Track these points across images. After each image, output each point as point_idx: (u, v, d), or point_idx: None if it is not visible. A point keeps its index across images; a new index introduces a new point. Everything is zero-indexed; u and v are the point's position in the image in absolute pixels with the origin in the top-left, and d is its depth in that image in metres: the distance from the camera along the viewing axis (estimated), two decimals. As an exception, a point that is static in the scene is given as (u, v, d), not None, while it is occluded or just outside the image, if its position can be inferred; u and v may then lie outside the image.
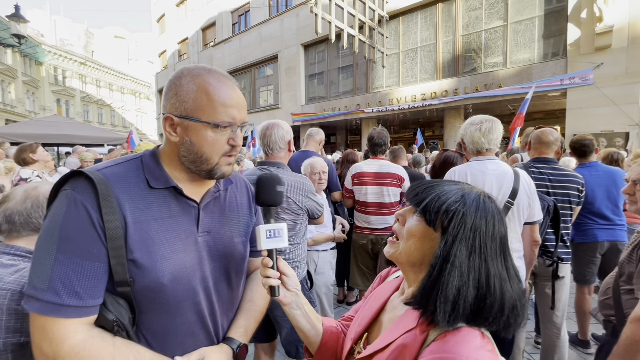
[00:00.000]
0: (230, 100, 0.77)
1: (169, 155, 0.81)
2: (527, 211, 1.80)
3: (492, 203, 0.66)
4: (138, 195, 0.75)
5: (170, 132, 0.77)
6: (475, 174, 1.82)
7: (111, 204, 0.70)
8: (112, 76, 36.87)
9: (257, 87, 16.95)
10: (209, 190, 0.86)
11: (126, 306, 0.72)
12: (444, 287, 0.60)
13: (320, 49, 14.24)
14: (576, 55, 8.42)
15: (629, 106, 7.76)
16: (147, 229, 0.73)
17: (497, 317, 0.60)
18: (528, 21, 9.41)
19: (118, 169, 0.77)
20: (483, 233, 0.62)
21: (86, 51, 39.38)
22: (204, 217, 0.83)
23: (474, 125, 1.89)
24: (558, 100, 9.41)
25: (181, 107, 0.75)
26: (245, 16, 16.92)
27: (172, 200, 0.79)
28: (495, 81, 9.70)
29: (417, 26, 11.58)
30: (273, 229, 0.79)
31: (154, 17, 23.75)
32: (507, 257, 0.64)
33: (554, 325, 2.23)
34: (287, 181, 1.80)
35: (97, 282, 0.69)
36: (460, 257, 0.61)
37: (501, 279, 0.61)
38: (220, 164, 0.80)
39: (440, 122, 12.46)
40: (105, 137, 9.81)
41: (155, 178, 0.78)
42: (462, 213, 0.62)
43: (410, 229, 0.68)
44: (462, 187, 0.68)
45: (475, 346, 0.57)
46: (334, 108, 13.46)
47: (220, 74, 0.79)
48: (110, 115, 36.52)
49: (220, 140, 0.78)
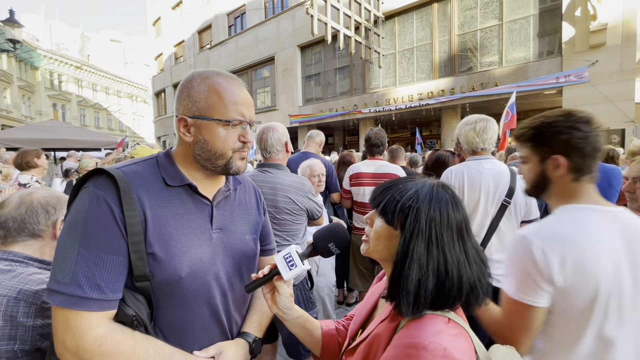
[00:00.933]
0: (239, 99, 0.82)
1: (184, 155, 0.85)
2: (524, 209, 1.81)
3: (447, 192, 0.69)
4: (155, 192, 0.78)
5: (185, 133, 0.81)
6: (472, 173, 1.82)
7: (131, 200, 0.73)
8: (109, 80, 36.78)
9: (254, 89, 16.95)
10: (220, 189, 0.90)
11: (144, 301, 0.75)
12: (405, 280, 0.64)
13: (316, 50, 14.26)
14: (571, 53, 8.47)
15: (624, 103, 7.82)
16: (166, 224, 0.77)
17: (457, 299, 0.65)
18: (523, 20, 9.45)
19: (136, 167, 0.80)
20: (438, 224, 0.65)
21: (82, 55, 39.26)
22: (217, 215, 0.87)
23: (468, 125, 1.90)
24: (554, 98, 9.46)
25: (194, 108, 0.80)
26: (241, 18, 16.92)
27: (187, 197, 0.83)
28: (492, 80, 9.74)
29: (412, 26, 11.62)
30: (287, 256, 0.81)
31: (150, 21, 23.73)
32: (465, 242, 0.67)
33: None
34: (287, 182, 1.83)
35: (118, 276, 0.71)
36: (418, 250, 0.64)
37: (459, 264, 0.65)
38: (234, 158, 0.84)
39: (437, 121, 12.50)
40: (103, 141, 9.77)
41: (171, 176, 0.82)
42: (416, 209, 0.66)
43: (376, 230, 0.73)
44: (417, 182, 0.72)
45: (435, 330, 0.61)
46: (331, 109, 13.48)
47: (228, 75, 0.84)
48: (107, 119, 36.42)
49: (232, 136, 0.82)
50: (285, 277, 0.80)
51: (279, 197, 1.80)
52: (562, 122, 0.94)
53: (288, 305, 0.85)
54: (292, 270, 0.80)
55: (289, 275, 0.80)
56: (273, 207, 1.79)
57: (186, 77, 0.83)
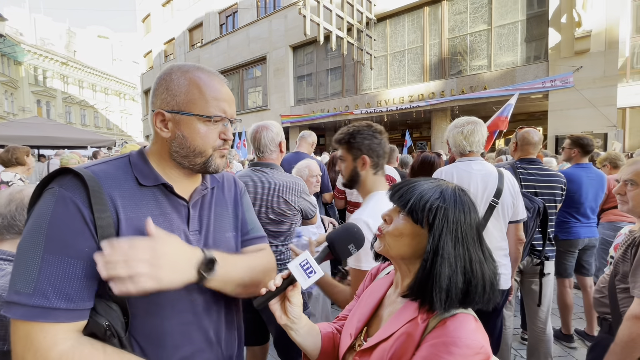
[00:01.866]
0: (221, 94, 0.79)
1: (159, 153, 0.80)
2: (512, 210, 1.85)
3: (466, 196, 0.73)
4: (128, 192, 0.74)
5: (162, 128, 0.77)
6: (461, 174, 1.85)
7: (103, 200, 0.68)
8: (96, 77, 35.99)
9: (245, 88, 16.84)
10: (197, 188, 0.86)
11: (118, 310, 0.69)
12: (437, 278, 0.66)
13: (308, 51, 14.27)
14: (557, 58, 8.70)
15: (607, 108, 8.07)
16: (140, 226, 0.71)
17: (482, 296, 0.68)
18: (511, 25, 9.66)
19: (106, 167, 0.75)
20: (463, 224, 0.69)
21: (68, 51, 38.31)
22: (194, 215, 0.83)
23: (457, 128, 1.94)
24: (540, 102, 9.69)
25: (172, 102, 0.76)
26: (233, 17, 16.80)
27: (163, 198, 0.78)
28: (481, 83, 9.92)
29: (404, 29, 11.74)
30: (304, 263, 0.75)
31: (139, 17, 23.33)
32: (482, 241, 0.72)
33: (540, 320, 2.29)
34: (280, 182, 1.81)
35: (89, 283, 0.65)
36: (447, 249, 0.67)
37: (480, 262, 0.69)
38: (214, 156, 0.80)
39: (427, 123, 12.65)
40: (89, 138, 9.55)
41: (144, 176, 0.77)
42: (444, 209, 0.69)
43: (399, 228, 0.73)
44: (439, 183, 0.74)
45: (472, 328, 0.65)
46: (322, 110, 13.50)
47: (209, 70, 0.80)
48: (93, 116, 35.62)
49: (212, 133, 0.78)
50: (304, 286, 0.74)
51: (272, 197, 1.78)
52: (366, 131, 1.30)
53: (298, 314, 0.80)
54: (312, 277, 0.74)
55: (308, 283, 0.74)
56: (267, 207, 1.78)
57: (164, 70, 0.79)
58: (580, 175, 2.76)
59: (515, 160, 2.45)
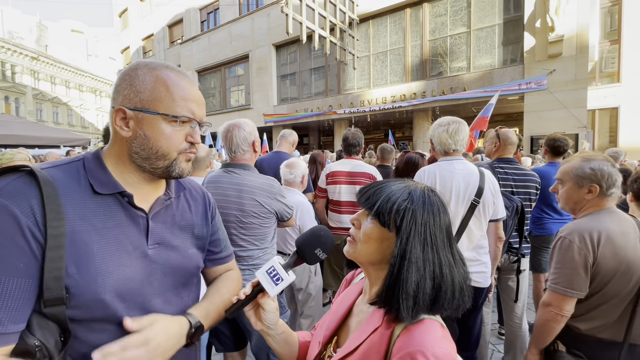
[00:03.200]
0: (189, 95, 0.74)
1: (117, 154, 0.74)
2: (492, 209, 1.89)
3: (436, 196, 0.70)
4: (78, 201, 0.67)
5: (122, 127, 0.71)
6: (443, 173, 1.88)
7: (58, 207, 0.62)
8: (69, 73, 34.41)
9: (227, 87, 16.56)
10: (159, 198, 0.79)
11: (55, 328, 0.62)
12: (404, 283, 0.63)
13: (292, 50, 14.18)
14: (532, 61, 9.03)
15: (578, 110, 8.45)
16: (87, 240, 0.65)
17: (450, 302, 0.65)
18: (489, 29, 9.95)
19: (56, 171, 0.68)
20: (432, 226, 0.66)
21: (39, 45, 36.46)
22: (154, 228, 0.76)
23: (441, 127, 1.95)
24: (516, 104, 10.04)
25: (136, 99, 0.70)
26: (215, 14, 16.48)
27: (118, 208, 0.71)
28: (460, 85, 10.17)
29: (386, 30, 11.87)
30: (271, 270, 0.75)
31: (116, 12, 22.51)
32: (452, 244, 0.69)
33: (516, 316, 2.36)
34: (253, 183, 1.75)
35: (22, 303, 0.59)
36: (415, 252, 0.64)
37: (450, 265, 0.66)
38: (179, 160, 0.75)
39: (409, 123, 12.85)
40: (62, 137, 9.10)
41: (101, 183, 0.70)
42: (412, 210, 0.66)
43: (366, 232, 0.70)
44: (408, 184, 0.71)
45: (438, 336, 0.62)
46: (306, 109, 13.45)
47: (179, 70, 0.76)
48: (67, 114, 34.04)
49: (178, 135, 0.74)
50: (272, 294, 0.74)
51: (245, 199, 1.71)
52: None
53: (273, 320, 0.79)
54: (279, 285, 0.73)
55: (276, 291, 0.74)
56: (239, 210, 1.71)
57: (129, 66, 0.74)
58: (550, 173, 2.85)
59: (493, 159, 2.51)
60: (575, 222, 1.36)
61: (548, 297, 1.31)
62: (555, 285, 1.29)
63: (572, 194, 1.40)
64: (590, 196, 1.36)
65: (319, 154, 3.82)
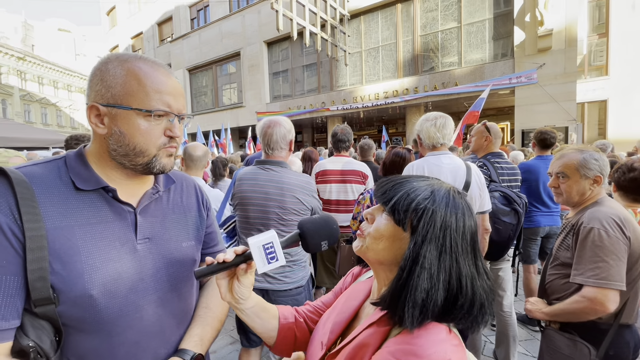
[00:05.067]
0: (164, 87, 0.71)
1: (98, 152, 0.72)
2: (479, 201, 1.90)
3: (462, 199, 0.64)
4: (58, 198, 0.66)
5: (97, 124, 0.69)
6: (431, 168, 1.89)
7: (34, 209, 0.62)
8: (57, 73, 33.80)
9: (219, 85, 16.42)
10: (147, 192, 0.78)
11: (49, 328, 0.63)
12: (412, 290, 0.57)
13: (283, 47, 14.10)
14: (522, 56, 9.09)
15: (568, 103, 8.54)
16: (70, 236, 0.65)
17: (466, 317, 0.59)
18: (479, 23, 9.99)
19: (35, 169, 0.68)
20: (453, 231, 0.59)
21: (25, 45, 35.74)
22: (143, 222, 0.75)
23: (429, 121, 1.97)
24: (507, 98, 10.11)
25: (108, 94, 0.68)
26: (205, 11, 16.29)
27: (103, 204, 0.71)
28: (452, 80, 10.21)
29: (378, 25, 11.85)
30: (269, 246, 0.67)
31: (104, 10, 22.14)
32: (477, 254, 0.62)
33: (506, 306, 2.39)
34: (294, 181, 1.75)
35: (10, 300, 0.59)
36: (430, 257, 0.58)
37: (472, 277, 0.59)
38: (159, 155, 0.73)
39: (402, 119, 12.88)
40: (51, 139, 8.94)
41: (83, 179, 0.69)
42: (432, 211, 0.59)
43: (378, 228, 0.65)
44: (432, 182, 0.65)
45: (439, 339, 0.56)
46: (299, 106, 13.41)
47: (153, 61, 0.73)
48: (56, 115, 33.48)
49: (155, 130, 0.71)
50: (260, 270, 0.67)
51: (286, 196, 1.71)
52: None
53: (245, 294, 0.74)
54: (271, 264, 0.67)
55: (265, 269, 0.67)
56: (280, 207, 1.71)
57: (100, 60, 0.71)
58: (538, 166, 2.91)
59: (485, 154, 2.51)
60: (593, 210, 1.34)
61: (592, 293, 1.23)
62: (599, 280, 1.22)
63: (579, 186, 1.41)
64: (595, 186, 1.39)
65: (312, 151, 3.82)
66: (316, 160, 3.63)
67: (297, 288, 1.77)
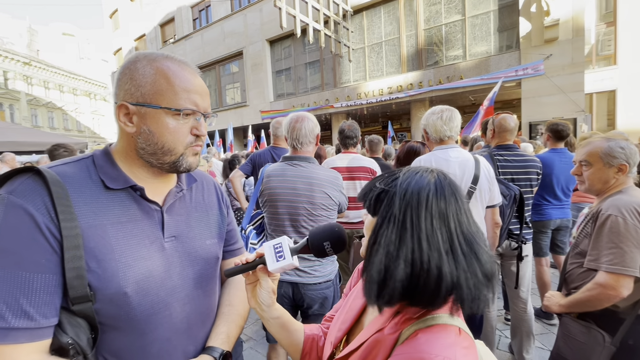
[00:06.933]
0: (192, 86, 0.72)
1: (125, 151, 0.73)
2: (488, 195, 1.88)
3: (436, 178, 0.61)
4: (90, 197, 0.67)
5: (126, 122, 0.70)
6: (439, 162, 1.87)
7: (69, 208, 0.62)
8: (62, 77, 34.16)
9: (222, 84, 16.45)
10: (171, 190, 0.79)
11: (85, 325, 0.64)
12: (370, 267, 0.59)
13: (286, 45, 14.06)
14: (528, 47, 8.95)
15: (576, 94, 8.40)
16: (104, 234, 0.65)
17: (435, 295, 0.56)
18: (484, 15, 9.85)
19: (66, 168, 0.68)
20: (414, 208, 0.58)
21: (30, 50, 36.13)
22: (169, 221, 0.76)
23: (435, 114, 1.95)
24: (514, 90, 9.98)
25: (137, 93, 0.68)
26: (206, 11, 16.30)
27: (132, 202, 0.71)
28: (457, 73, 10.10)
29: (380, 21, 11.75)
30: (278, 246, 0.73)
31: (106, 13, 22.25)
32: (452, 231, 0.58)
33: (521, 300, 2.36)
34: (323, 176, 1.76)
35: (50, 298, 0.60)
36: (387, 235, 0.58)
37: (439, 255, 0.56)
38: (185, 154, 0.74)
39: (407, 114, 12.80)
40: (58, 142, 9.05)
41: (112, 178, 0.70)
42: (392, 193, 0.60)
43: (366, 226, 0.68)
44: (401, 170, 0.65)
45: (447, 343, 0.54)
46: (303, 104, 13.38)
47: (180, 60, 0.73)
48: (62, 119, 33.88)
49: (183, 128, 0.72)
50: (270, 268, 0.72)
51: (315, 192, 1.72)
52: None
53: (267, 302, 0.77)
54: (279, 262, 0.72)
55: (275, 267, 0.72)
56: (309, 202, 1.71)
57: (129, 59, 0.72)
58: (553, 160, 2.86)
59: (492, 147, 2.49)
60: (614, 199, 1.34)
61: (604, 279, 1.25)
62: (612, 265, 1.24)
63: (602, 174, 1.40)
64: (619, 174, 1.37)
65: (321, 148, 3.82)
66: (325, 157, 3.62)
67: (326, 282, 1.79)
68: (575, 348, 1.37)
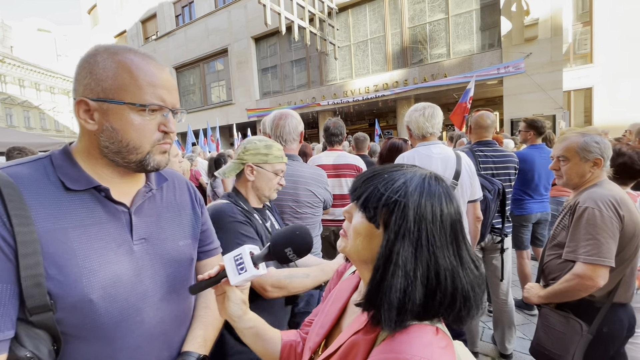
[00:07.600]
0: (158, 80, 0.68)
1: (87, 150, 0.69)
2: (470, 190, 1.92)
3: (440, 184, 0.59)
4: (48, 199, 0.63)
5: (86, 119, 0.65)
6: (422, 158, 1.90)
7: (23, 212, 0.58)
8: (39, 74, 32.82)
9: (207, 82, 16.18)
10: (139, 191, 0.75)
11: (46, 337, 0.60)
12: (387, 291, 0.53)
13: (272, 42, 13.94)
14: (509, 45, 9.17)
15: (555, 91, 8.66)
16: (64, 239, 0.61)
17: (447, 312, 0.55)
18: (467, 14, 10.02)
19: (19, 169, 0.64)
20: (429, 223, 0.54)
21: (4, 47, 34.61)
22: (138, 223, 0.72)
23: (417, 111, 1.97)
24: (496, 88, 10.20)
25: (98, 88, 0.64)
26: (189, 7, 15.98)
27: (96, 204, 0.67)
28: (441, 71, 10.25)
29: (366, 18, 11.79)
30: (238, 257, 0.70)
31: (84, 8, 21.54)
32: (460, 244, 0.57)
33: (502, 293, 2.43)
34: (307, 174, 1.75)
35: (3, 310, 0.56)
36: (404, 254, 0.54)
37: (453, 270, 0.55)
38: (153, 152, 0.70)
39: (393, 112, 12.90)
40: (34, 142, 8.69)
41: (72, 179, 0.66)
42: (404, 204, 0.54)
43: (355, 227, 0.61)
44: (405, 172, 0.60)
45: (424, 343, 0.52)
46: (289, 102, 13.32)
47: (144, 53, 0.69)
48: (39, 118, 32.60)
49: (149, 125, 0.68)
50: (232, 282, 0.69)
51: (300, 190, 1.70)
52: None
53: (238, 313, 0.74)
54: (242, 275, 0.68)
55: (237, 280, 0.68)
56: (294, 200, 1.70)
57: (88, 52, 0.66)
58: (533, 156, 2.95)
59: (472, 143, 2.55)
60: (590, 192, 1.38)
61: (581, 270, 1.30)
62: (589, 256, 1.28)
63: (578, 169, 1.44)
64: (595, 168, 1.41)
65: (306, 146, 3.81)
66: (310, 155, 3.61)
67: None
68: (554, 338, 1.42)
